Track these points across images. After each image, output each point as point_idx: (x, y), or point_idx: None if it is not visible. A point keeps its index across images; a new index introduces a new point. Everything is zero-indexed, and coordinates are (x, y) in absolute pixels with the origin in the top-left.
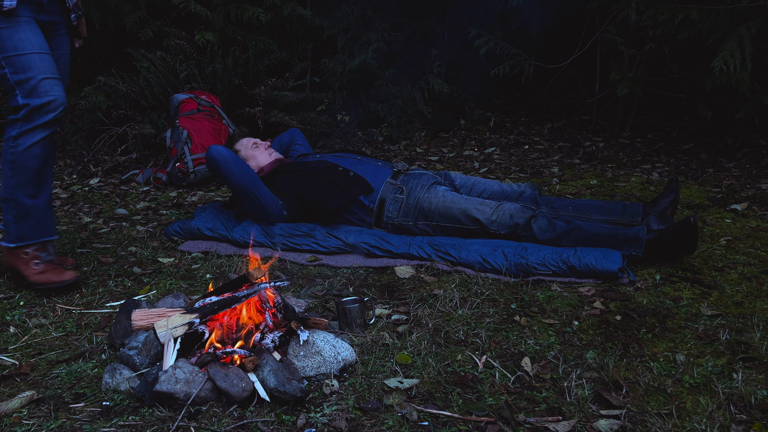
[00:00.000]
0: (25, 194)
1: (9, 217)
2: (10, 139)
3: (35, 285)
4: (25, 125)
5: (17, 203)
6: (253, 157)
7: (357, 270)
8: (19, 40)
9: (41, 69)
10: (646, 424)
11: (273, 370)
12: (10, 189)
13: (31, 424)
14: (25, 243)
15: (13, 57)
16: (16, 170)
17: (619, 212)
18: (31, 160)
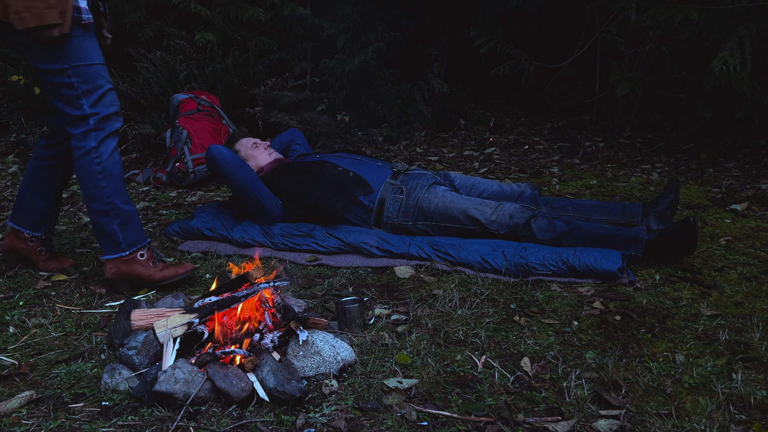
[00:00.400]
0: (121, 201)
1: (114, 227)
2: (91, 150)
3: (161, 282)
4: (99, 134)
5: (118, 210)
6: (252, 157)
7: (356, 270)
8: (86, 50)
9: (107, 79)
10: (646, 425)
11: (272, 370)
12: (108, 198)
13: (30, 424)
14: (138, 247)
15: (81, 67)
16: (108, 178)
17: (618, 212)
18: (116, 166)
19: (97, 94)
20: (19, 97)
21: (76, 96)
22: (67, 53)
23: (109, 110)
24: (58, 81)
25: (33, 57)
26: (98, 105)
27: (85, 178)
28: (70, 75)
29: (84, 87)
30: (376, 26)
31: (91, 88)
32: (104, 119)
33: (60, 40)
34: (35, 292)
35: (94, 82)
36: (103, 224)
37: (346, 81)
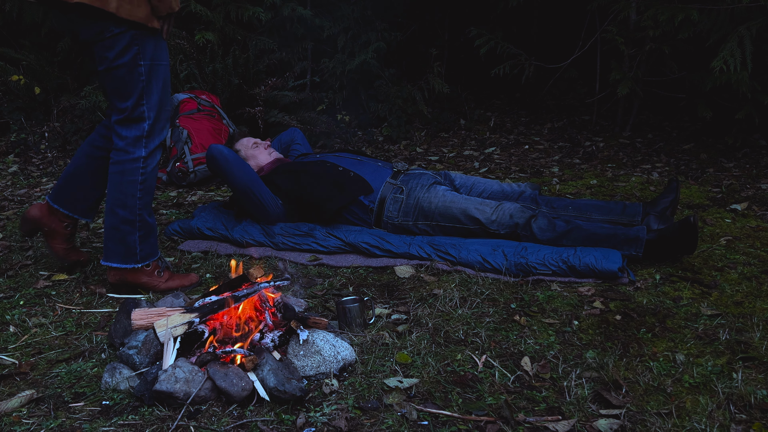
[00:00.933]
0: (147, 213)
1: (135, 239)
2: (139, 160)
3: (166, 290)
4: (149, 143)
5: (144, 223)
6: (253, 156)
7: (357, 269)
8: (162, 49)
9: (169, 88)
10: (646, 424)
11: (272, 370)
12: (138, 210)
13: (30, 423)
14: (151, 260)
15: (155, 65)
16: (145, 190)
17: (619, 212)
18: (154, 180)
19: (158, 97)
20: (19, 97)
21: (137, 93)
22: (145, 49)
23: (162, 117)
24: (126, 76)
25: (108, 47)
26: (152, 111)
27: (122, 183)
28: (142, 73)
29: (147, 87)
30: (377, 26)
31: (155, 90)
32: (157, 121)
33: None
34: (35, 292)
35: (158, 84)
36: (125, 233)
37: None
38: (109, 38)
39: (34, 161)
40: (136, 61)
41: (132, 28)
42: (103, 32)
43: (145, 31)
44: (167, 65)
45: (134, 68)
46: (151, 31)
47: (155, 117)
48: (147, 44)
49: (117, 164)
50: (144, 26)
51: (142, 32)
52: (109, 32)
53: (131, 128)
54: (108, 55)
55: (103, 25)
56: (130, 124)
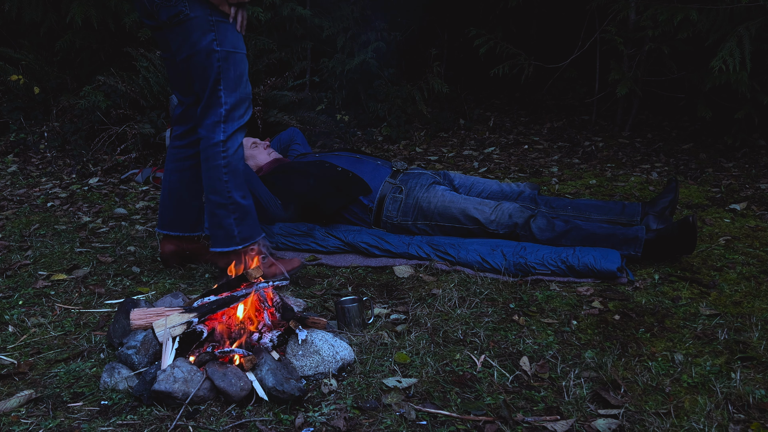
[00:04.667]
0: (240, 196)
1: (230, 221)
2: (219, 144)
3: (269, 277)
4: (228, 127)
5: (237, 205)
6: (252, 156)
7: (356, 269)
8: (239, 38)
9: (246, 76)
10: (644, 424)
11: (271, 370)
12: (228, 193)
13: (29, 423)
14: (252, 242)
15: (231, 52)
16: (231, 173)
17: (618, 212)
18: (240, 161)
19: (235, 84)
20: (19, 97)
21: (215, 80)
22: (221, 35)
23: (241, 104)
24: (204, 62)
25: (186, 32)
26: (232, 95)
27: (209, 169)
28: (219, 59)
29: (226, 74)
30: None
31: (233, 76)
32: (235, 108)
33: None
34: (34, 292)
35: (236, 70)
36: (221, 217)
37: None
38: (185, 22)
39: (33, 161)
40: (211, 46)
41: (207, 15)
42: (179, 14)
43: (221, 18)
44: (244, 55)
45: (211, 53)
46: (224, 16)
47: (233, 103)
48: (223, 31)
49: (203, 151)
50: (216, 9)
51: (218, 18)
52: (184, 16)
53: (210, 114)
54: (187, 42)
55: (177, 8)
56: (209, 110)
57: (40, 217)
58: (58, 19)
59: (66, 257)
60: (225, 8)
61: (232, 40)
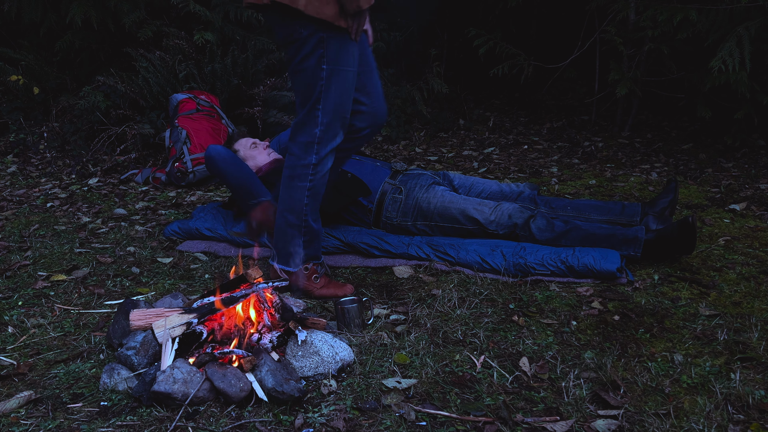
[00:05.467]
0: (313, 219)
1: (298, 242)
2: (309, 166)
3: (320, 298)
4: (320, 149)
5: (308, 228)
6: (251, 157)
7: (355, 270)
8: (349, 54)
9: (349, 96)
10: (644, 424)
11: (271, 371)
12: (305, 215)
13: (29, 424)
14: (311, 264)
15: (337, 69)
16: (312, 197)
17: (617, 212)
18: (323, 186)
19: (335, 104)
20: (18, 97)
21: (315, 99)
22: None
23: (336, 124)
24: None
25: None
26: (330, 114)
27: (291, 187)
28: (322, 78)
29: (325, 93)
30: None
31: (333, 96)
32: (330, 128)
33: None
34: (34, 292)
35: (338, 90)
36: (290, 236)
37: None
38: (297, 41)
39: (32, 161)
40: (319, 64)
41: (319, 31)
42: (292, 34)
43: (333, 33)
44: (352, 71)
45: (317, 72)
46: (339, 32)
47: (328, 123)
48: (333, 48)
49: (288, 168)
50: (331, 26)
51: (329, 35)
52: (297, 34)
53: (304, 133)
54: (295, 58)
55: (292, 27)
56: (304, 128)
57: (40, 218)
58: (58, 20)
59: (65, 258)
60: (341, 23)
61: (340, 56)
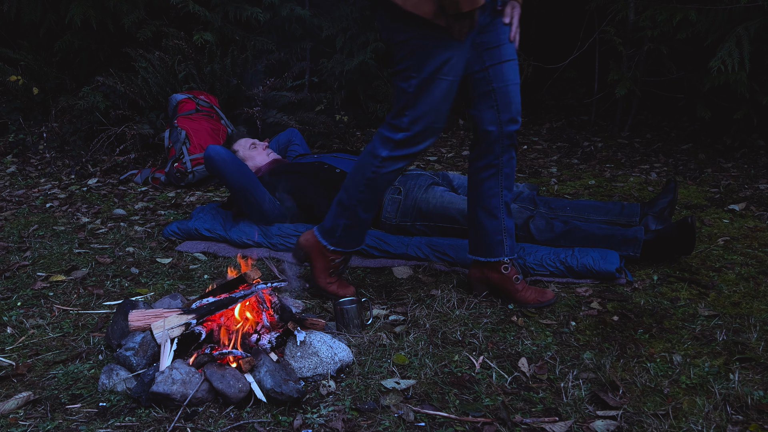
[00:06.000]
0: (364, 209)
1: (340, 222)
2: (377, 158)
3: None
4: (396, 150)
5: (353, 214)
6: (251, 157)
7: (355, 270)
8: (446, 62)
9: (445, 105)
10: (643, 425)
11: (270, 371)
12: (354, 201)
13: (27, 425)
14: (338, 249)
15: (432, 79)
16: (370, 189)
17: (617, 212)
18: (385, 184)
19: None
20: (18, 97)
21: (403, 106)
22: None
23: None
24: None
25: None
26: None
27: (355, 172)
28: (412, 84)
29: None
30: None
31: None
32: (415, 137)
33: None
34: (33, 293)
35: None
36: (336, 212)
37: (345, 81)
38: (395, 44)
39: (32, 162)
40: (409, 71)
41: (414, 39)
42: (391, 37)
43: (429, 39)
44: (448, 80)
45: (407, 78)
46: (437, 34)
47: (415, 132)
48: (428, 56)
49: (362, 154)
50: (429, 24)
51: (424, 42)
52: (395, 38)
53: (389, 128)
54: (393, 60)
55: (392, 28)
56: (389, 127)
57: (39, 218)
58: (57, 20)
59: (65, 258)
60: (440, 21)
61: (437, 65)
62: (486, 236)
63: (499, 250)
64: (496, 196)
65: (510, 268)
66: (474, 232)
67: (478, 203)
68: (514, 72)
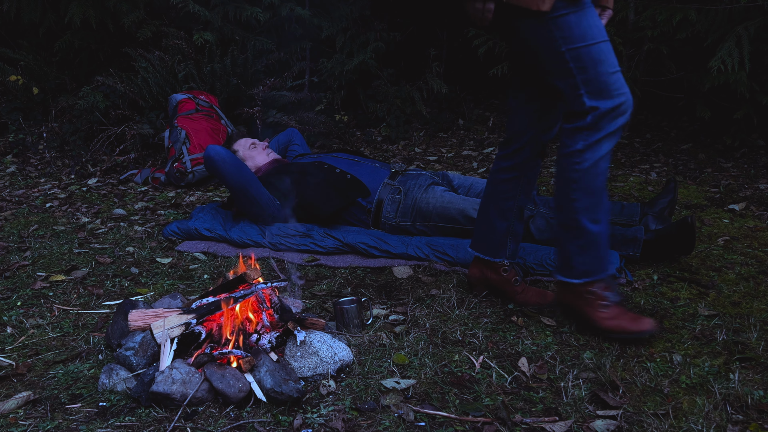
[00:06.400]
0: (590, 219)
1: (572, 248)
2: (574, 154)
3: (605, 331)
4: (591, 135)
5: (581, 231)
6: (250, 157)
7: (355, 270)
8: (589, 27)
9: (612, 61)
10: (643, 425)
11: (270, 371)
12: (574, 214)
13: (27, 424)
14: (591, 279)
15: (582, 48)
16: (582, 191)
17: (617, 212)
18: (597, 178)
19: (600, 81)
20: (18, 97)
21: (573, 85)
22: (564, 33)
23: (614, 102)
24: (552, 68)
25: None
26: (601, 96)
27: (559, 182)
28: (568, 60)
29: (583, 75)
30: (375, 26)
31: (593, 76)
32: (604, 115)
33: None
34: (33, 293)
35: (597, 66)
36: (562, 241)
37: (345, 81)
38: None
39: (32, 162)
40: (555, 49)
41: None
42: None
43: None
44: (604, 40)
45: (556, 57)
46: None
47: (599, 104)
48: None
49: (558, 159)
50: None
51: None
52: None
53: (572, 121)
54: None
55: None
56: (571, 117)
57: (39, 218)
58: (57, 20)
59: (64, 258)
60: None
61: (582, 33)
62: (492, 235)
63: (500, 252)
64: (512, 199)
65: (509, 271)
66: (480, 227)
67: (492, 200)
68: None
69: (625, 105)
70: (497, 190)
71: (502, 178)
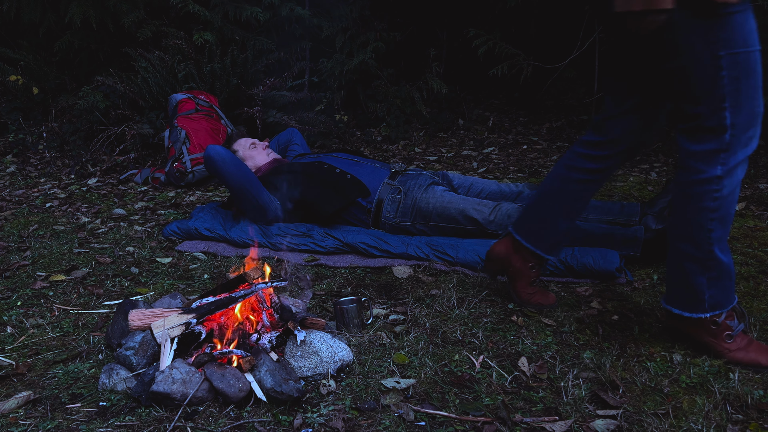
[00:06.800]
0: (721, 249)
1: (702, 281)
2: (713, 180)
3: (736, 364)
4: (728, 159)
5: (716, 262)
6: (250, 157)
7: (355, 270)
8: (751, 31)
9: (759, 75)
10: (643, 424)
11: (270, 371)
12: (710, 246)
13: (27, 424)
14: (720, 311)
15: (741, 54)
16: (720, 220)
17: (616, 212)
18: (733, 206)
19: (747, 97)
20: (17, 97)
21: (718, 97)
22: (727, 35)
23: (750, 124)
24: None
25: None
26: (741, 115)
27: (689, 211)
28: (723, 67)
29: (733, 85)
30: (375, 26)
31: (743, 88)
32: (740, 135)
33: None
34: (33, 293)
35: (749, 78)
36: (689, 273)
37: (345, 81)
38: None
39: (32, 161)
40: (712, 52)
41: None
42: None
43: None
44: (756, 52)
45: (709, 62)
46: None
47: (742, 125)
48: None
49: (685, 185)
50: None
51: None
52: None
53: (702, 140)
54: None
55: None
56: (702, 135)
57: (39, 218)
58: (57, 20)
59: (64, 258)
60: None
61: (744, 37)
62: (550, 232)
63: (554, 251)
64: (583, 201)
65: (536, 269)
66: (534, 219)
67: (558, 199)
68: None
69: (756, 131)
70: (568, 189)
71: (578, 178)
